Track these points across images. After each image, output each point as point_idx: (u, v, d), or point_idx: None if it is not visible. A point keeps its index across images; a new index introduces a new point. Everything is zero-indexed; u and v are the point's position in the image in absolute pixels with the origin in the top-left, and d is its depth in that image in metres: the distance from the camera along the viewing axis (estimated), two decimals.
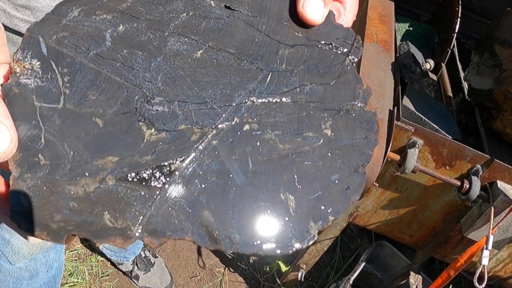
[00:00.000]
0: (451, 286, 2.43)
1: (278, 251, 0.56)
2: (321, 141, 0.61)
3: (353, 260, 2.37)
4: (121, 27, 0.60)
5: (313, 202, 0.59)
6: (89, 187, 0.53)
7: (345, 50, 0.66)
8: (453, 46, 2.02)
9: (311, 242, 0.58)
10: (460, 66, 2.10)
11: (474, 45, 2.03)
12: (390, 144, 1.42)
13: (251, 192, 0.57)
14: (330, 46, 0.65)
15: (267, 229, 0.56)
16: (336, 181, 0.60)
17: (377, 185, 1.52)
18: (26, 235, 0.52)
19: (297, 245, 0.57)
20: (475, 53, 1.85)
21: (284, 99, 0.61)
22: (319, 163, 0.60)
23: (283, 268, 2.28)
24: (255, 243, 0.56)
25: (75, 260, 2.28)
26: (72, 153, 0.54)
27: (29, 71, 0.55)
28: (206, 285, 2.36)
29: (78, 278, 2.21)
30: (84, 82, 0.56)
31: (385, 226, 1.80)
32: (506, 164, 1.48)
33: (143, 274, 2.27)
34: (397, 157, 1.48)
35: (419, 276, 1.95)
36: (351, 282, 1.94)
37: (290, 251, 0.57)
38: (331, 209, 0.59)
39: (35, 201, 0.51)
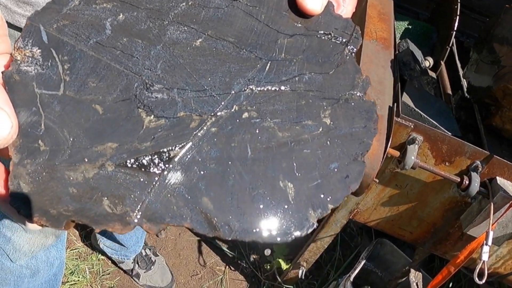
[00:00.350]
0: (451, 284, 2.43)
1: (278, 239, 0.56)
2: (320, 130, 0.61)
3: (354, 258, 2.36)
4: (121, 16, 0.60)
5: (312, 190, 0.58)
6: (88, 173, 0.54)
7: (344, 40, 0.66)
8: (452, 44, 2.02)
9: (310, 230, 0.58)
10: (459, 64, 2.10)
11: (473, 43, 2.03)
12: (390, 141, 1.41)
13: (250, 180, 0.57)
14: (329, 36, 0.65)
15: (266, 217, 0.56)
16: (335, 170, 0.60)
17: (377, 181, 1.52)
18: (25, 221, 0.52)
19: (296, 233, 0.57)
20: (474, 50, 1.85)
21: (283, 88, 0.61)
22: (318, 152, 0.60)
23: (284, 266, 2.28)
24: (254, 230, 0.56)
25: (76, 258, 2.28)
26: (71, 139, 0.54)
27: (30, 59, 0.56)
28: (207, 283, 2.36)
29: (79, 277, 2.21)
30: (84, 69, 0.57)
31: (385, 223, 1.79)
32: (505, 160, 1.48)
33: (144, 272, 2.27)
34: (396, 153, 1.49)
35: (419, 273, 1.95)
36: (351, 279, 1.94)
37: (289, 239, 0.57)
38: (330, 197, 0.59)
39: (35, 187, 0.51)
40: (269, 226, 0.56)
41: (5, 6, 1.12)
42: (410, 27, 2.26)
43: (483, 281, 1.44)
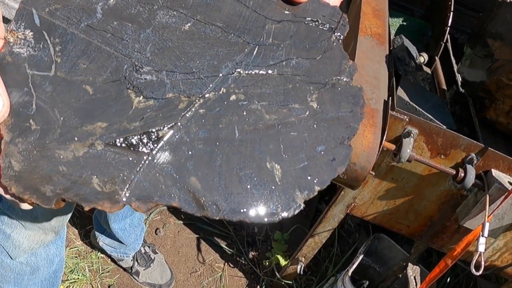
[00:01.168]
0: (449, 279, 2.42)
1: (265, 219, 0.57)
2: (307, 113, 0.62)
3: (352, 254, 2.36)
4: (111, 0, 0.61)
5: (299, 171, 0.59)
6: (78, 152, 0.54)
7: (332, 27, 0.67)
8: (447, 40, 2.02)
9: (297, 211, 0.59)
10: (453, 59, 2.09)
11: (466, 39, 2.02)
12: (385, 134, 1.40)
13: (238, 160, 0.58)
14: (317, 22, 0.66)
15: (254, 197, 0.57)
16: (322, 152, 0.61)
17: (374, 174, 1.51)
18: (16, 199, 0.52)
19: (284, 214, 0.58)
20: (467, 45, 1.85)
21: (270, 72, 0.62)
22: (305, 134, 0.61)
23: (282, 262, 2.27)
24: (242, 210, 0.56)
25: (76, 257, 2.28)
26: (62, 118, 0.55)
27: (22, 41, 0.56)
28: (206, 280, 2.37)
29: (78, 275, 2.21)
30: (75, 51, 0.58)
31: (382, 217, 1.79)
32: (500, 153, 1.48)
33: (144, 270, 2.27)
34: (392, 146, 1.48)
35: (417, 267, 1.94)
36: (349, 274, 1.93)
37: (277, 219, 0.58)
38: (317, 179, 0.60)
39: (26, 165, 0.52)
40: (256, 207, 0.57)
41: (2, 1, 1.12)
42: (405, 23, 2.26)
43: (480, 272, 1.43)
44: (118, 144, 0.55)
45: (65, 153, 0.54)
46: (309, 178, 0.59)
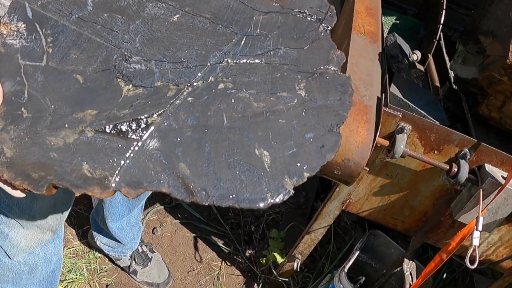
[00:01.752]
0: (445, 275, 2.41)
1: (255, 205, 0.57)
2: (295, 101, 0.63)
3: (348, 251, 2.36)
4: None
5: (288, 158, 0.60)
6: (69, 138, 0.54)
7: (319, 18, 0.68)
8: (440, 38, 2.02)
9: (286, 197, 0.61)
10: (446, 57, 2.10)
11: (459, 35, 2.03)
12: (379, 130, 1.41)
13: (226, 147, 0.58)
14: (304, 14, 0.67)
15: (243, 183, 0.57)
16: (311, 139, 0.61)
17: (368, 169, 1.51)
18: (7, 186, 0.52)
19: (273, 200, 0.60)
20: (460, 42, 1.85)
21: (257, 61, 0.62)
22: (293, 122, 0.62)
23: (279, 259, 2.28)
24: (231, 196, 0.57)
25: (73, 257, 2.29)
26: (53, 106, 0.55)
27: (15, 33, 0.56)
28: (204, 279, 2.37)
29: (76, 275, 2.22)
30: (66, 42, 0.58)
31: (378, 213, 1.80)
32: (493, 148, 1.49)
33: (141, 269, 2.28)
34: (386, 142, 1.48)
35: (413, 263, 1.94)
36: (346, 270, 1.93)
37: (266, 205, 0.59)
38: (306, 166, 0.60)
39: (17, 152, 0.52)
40: (246, 193, 0.57)
41: (2, 4, 1.11)
42: (398, 22, 2.27)
43: (475, 266, 1.45)
44: (108, 131, 0.55)
45: (56, 140, 0.53)
46: (298, 164, 0.59)
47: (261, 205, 0.58)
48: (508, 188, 1.43)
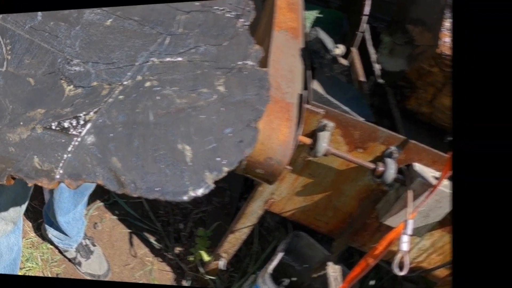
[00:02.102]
0: (374, 282, 2.09)
1: (178, 198, 0.58)
2: (215, 97, 0.61)
3: (272, 252, 2.30)
4: None
5: (208, 153, 0.58)
6: (23, 135, 0.55)
7: (238, 14, 0.64)
8: (364, 30, 1.68)
9: (207, 191, 0.60)
10: (371, 50, 1.80)
11: (385, 26, 1.70)
12: (301, 128, 1.30)
13: (153, 142, 0.57)
14: (223, 10, 0.64)
15: (167, 177, 0.56)
16: (230, 134, 0.59)
17: (290, 168, 1.44)
18: None
19: (194, 193, 0.57)
20: (386, 33, 1.59)
21: (180, 59, 0.60)
22: (213, 117, 0.60)
23: (205, 257, 2.23)
24: (156, 189, 0.56)
25: (30, 247, 2.31)
26: (11, 106, 0.56)
27: None
28: (138, 273, 2.31)
29: (33, 264, 2.23)
30: (21, 49, 0.58)
31: (301, 213, 1.68)
32: (422, 145, 1.34)
33: (85, 261, 2.26)
34: (308, 140, 1.37)
35: (338, 266, 1.63)
36: (268, 271, 1.81)
37: (188, 198, 0.58)
38: (226, 160, 0.58)
39: None
40: (169, 186, 0.56)
41: None
42: (321, 16, 2.09)
43: (404, 273, 1.27)
44: (54, 128, 0.55)
45: (13, 136, 0.54)
46: (218, 159, 0.57)
47: (184, 198, 0.57)
48: (440, 190, 1.16)
